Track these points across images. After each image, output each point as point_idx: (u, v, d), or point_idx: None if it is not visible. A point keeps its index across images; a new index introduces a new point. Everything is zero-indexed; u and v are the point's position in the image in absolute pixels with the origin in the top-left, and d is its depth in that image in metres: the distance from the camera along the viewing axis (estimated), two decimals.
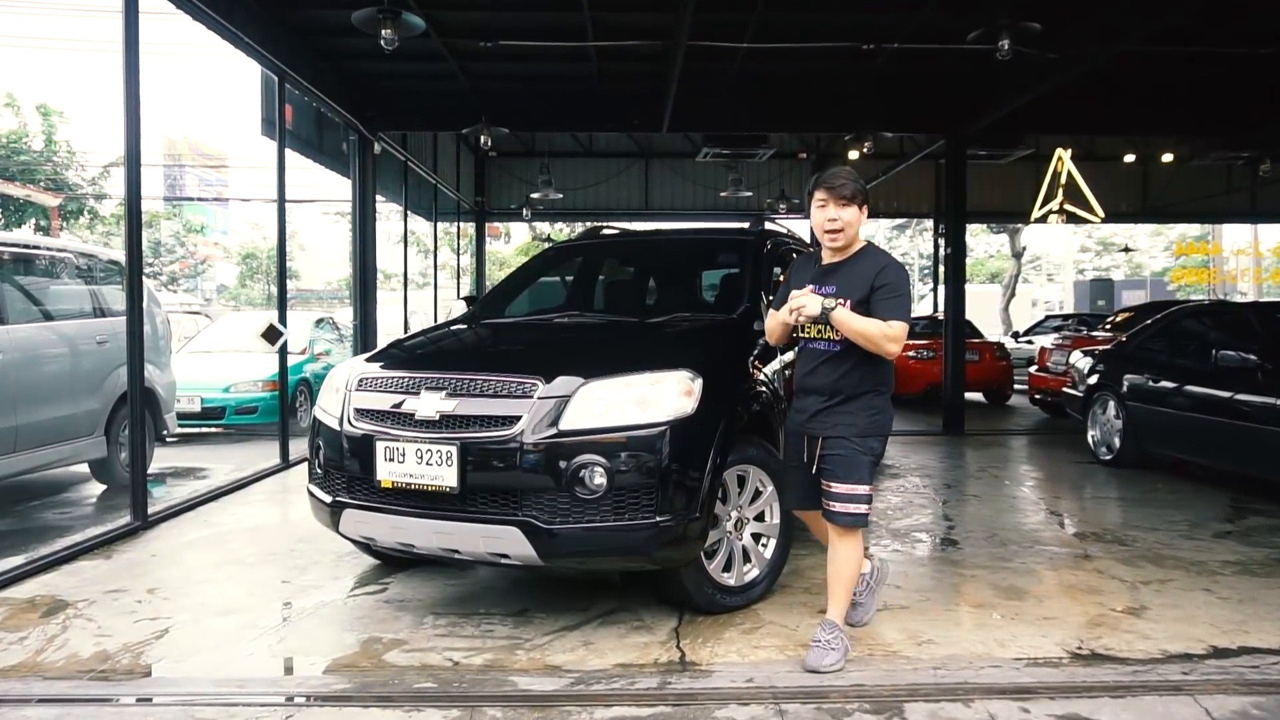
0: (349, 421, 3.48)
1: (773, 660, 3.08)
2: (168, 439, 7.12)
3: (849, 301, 2.97)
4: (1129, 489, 6.19)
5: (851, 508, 3.03)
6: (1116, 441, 7.00)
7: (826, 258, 3.16)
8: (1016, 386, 12.33)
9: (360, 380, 3.56)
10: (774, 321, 3.24)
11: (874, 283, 3.00)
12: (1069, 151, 14.02)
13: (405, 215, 12.19)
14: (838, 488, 3.02)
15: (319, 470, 3.67)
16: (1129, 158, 13.71)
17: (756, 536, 3.69)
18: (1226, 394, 5.85)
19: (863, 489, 3.04)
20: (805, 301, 2.96)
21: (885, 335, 2.93)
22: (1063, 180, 14.01)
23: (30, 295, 5.85)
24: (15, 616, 3.56)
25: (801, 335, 3.12)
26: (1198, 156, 13.17)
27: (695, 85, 8.26)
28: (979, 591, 3.89)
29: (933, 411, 10.17)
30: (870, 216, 3.27)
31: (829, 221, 3.05)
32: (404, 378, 3.46)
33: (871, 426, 3.07)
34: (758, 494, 3.66)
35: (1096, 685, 2.87)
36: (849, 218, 3.05)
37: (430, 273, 15.18)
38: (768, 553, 3.71)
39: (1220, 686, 2.86)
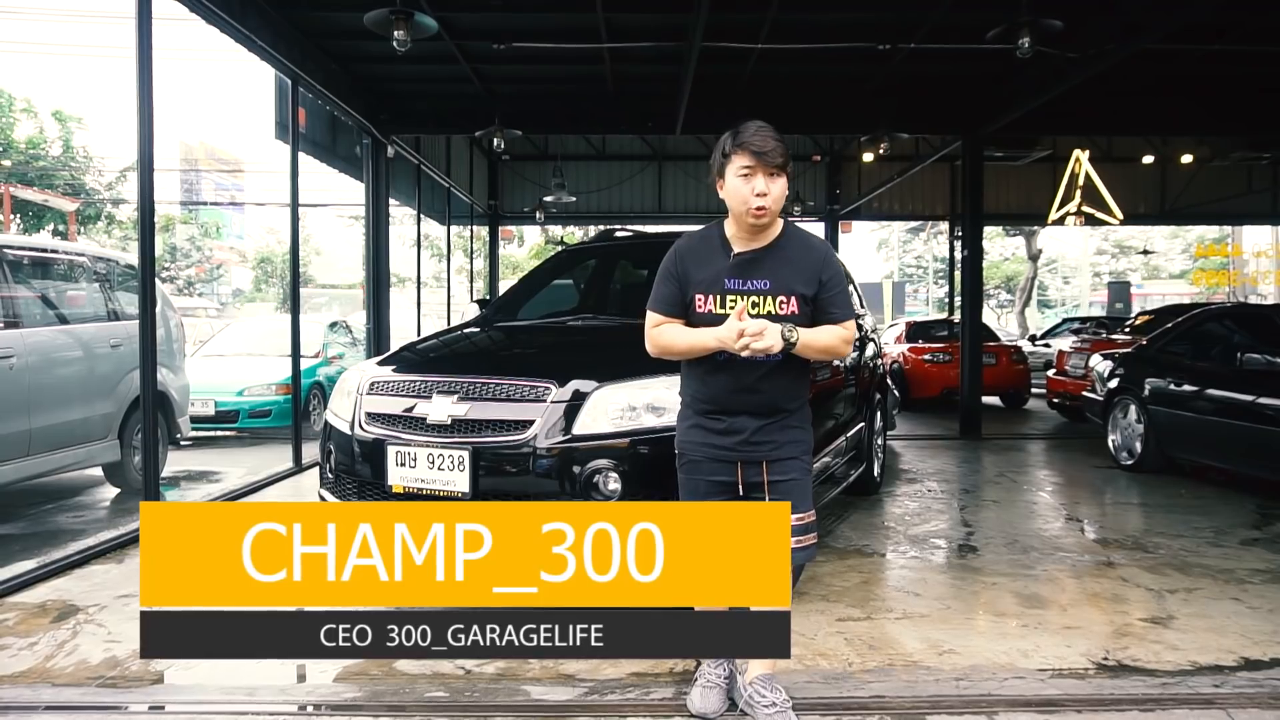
0: (360, 426, 3.45)
1: (790, 670, 3.01)
2: (182, 443, 7.12)
3: (791, 300, 2.46)
4: (1151, 495, 6.08)
5: (809, 540, 2.57)
6: (1138, 446, 6.89)
7: (742, 242, 2.52)
8: (1034, 390, 12.21)
9: (371, 384, 3.53)
10: (689, 341, 2.50)
11: (821, 276, 2.49)
12: (1086, 153, 13.91)
13: (419, 218, 12.21)
14: (794, 519, 2.44)
15: (330, 475, 3.64)
16: (1148, 159, 13.57)
17: None
18: (1252, 398, 5.75)
19: (813, 515, 2.62)
20: (765, 337, 2.35)
21: (845, 341, 2.53)
22: (1080, 182, 13.90)
23: (46, 299, 5.86)
24: (26, 621, 3.54)
25: None
26: (1218, 157, 13.03)
27: (709, 87, 8.21)
28: (1000, 599, 3.81)
29: (949, 415, 10.07)
30: (885, 219, 3.08)
31: (756, 196, 2.41)
32: (415, 381, 3.42)
33: (811, 441, 2.66)
34: None
35: (1125, 698, 2.80)
36: (778, 192, 2.44)
37: (444, 276, 15.19)
38: None
39: (1254, 700, 2.77)
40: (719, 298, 2.49)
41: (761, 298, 2.47)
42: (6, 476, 5.19)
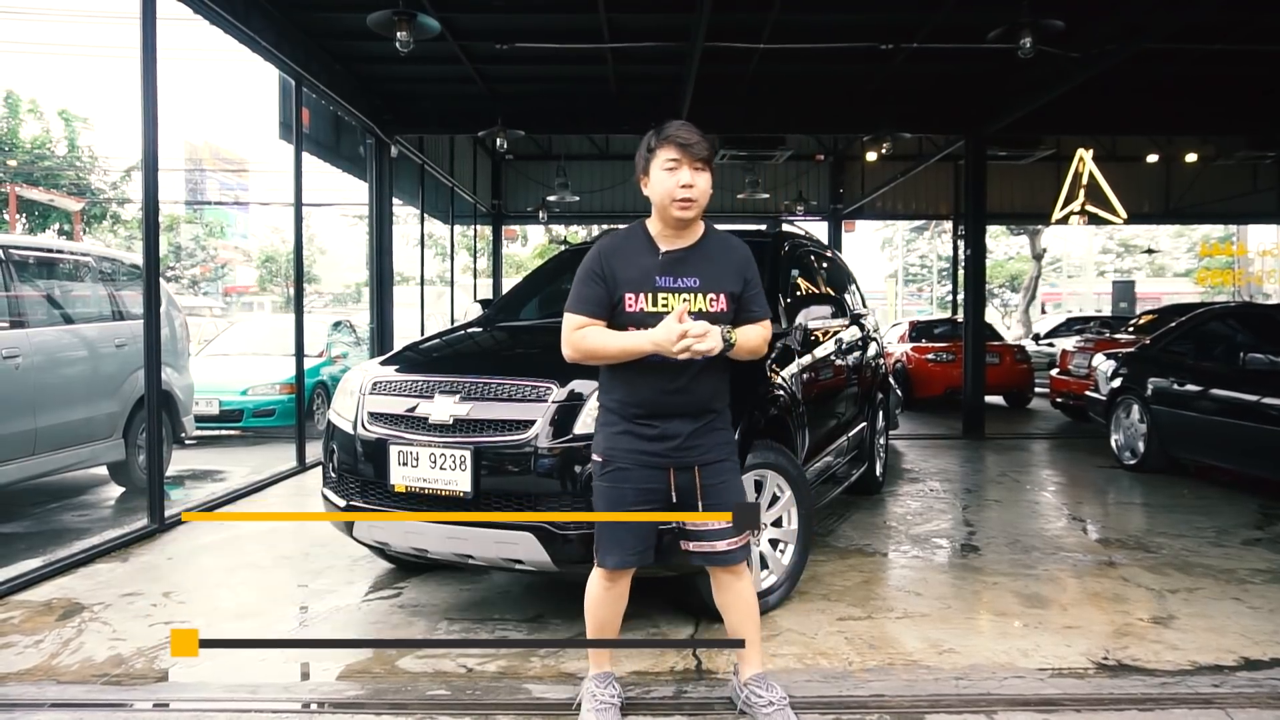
0: (363, 425, 3.46)
1: (790, 669, 3.03)
2: (185, 442, 7.15)
3: (720, 297, 2.49)
4: (1154, 495, 6.08)
5: (744, 539, 2.61)
6: (1140, 446, 6.89)
7: (668, 240, 2.53)
8: (1037, 389, 12.20)
9: (374, 384, 3.54)
10: (620, 345, 2.44)
11: (745, 275, 2.55)
12: (1090, 152, 13.90)
13: (422, 218, 12.24)
14: (730, 520, 2.55)
15: (333, 474, 3.65)
16: (1152, 158, 13.57)
17: (774, 542, 3.65)
18: (1254, 397, 5.74)
19: None
20: (708, 339, 2.35)
21: (766, 340, 2.60)
22: (1084, 181, 13.89)
23: (51, 299, 5.89)
24: (32, 619, 3.56)
25: None
26: (1222, 156, 12.99)
27: (712, 87, 8.22)
28: (1001, 599, 3.82)
29: (952, 415, 10.07)
30: (889, 218, 3.03)
31: (682, 189, 2.44)
32: (418, 381, 3.43)
33: (735, 439, 2.71)
34: (775, 499, 3.62)
35: (1124, 698, 2.80)
36: (703, 185, 2.47)
37: (448, 275, 15.22)
38: (785, 559, 3.66)
39: (1253, 700, 2.78)
40: (650, 296, 2.47)
41: (693, 295, 2.47)
42: (12, 475, 5.23)
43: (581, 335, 2.51)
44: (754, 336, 2.56)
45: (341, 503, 3.52)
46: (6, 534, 5.28)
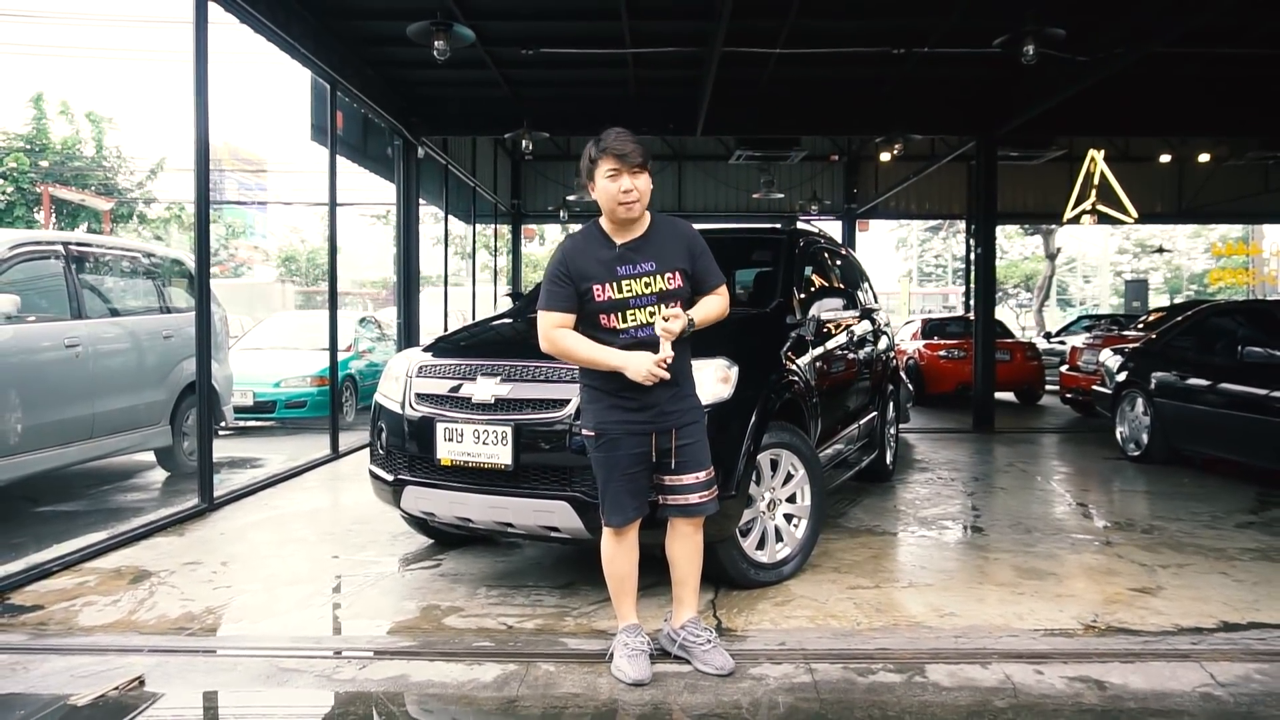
0: (410, 405, 3.76)
1: (803, 628, 3.31)
2: (221, 431, 7.48)
3: (676, 275, 2.82)
4: (1156, 483, 6.30)
5: (712, 494, 2.94)
6: (1144, 438, 7.10)
7: (620, 234, 2.87)
8: (1049, 386, 12.38)
9: (420, 367, 3.84)
10: (590, 355, 2.81)
11: (692, 250, 2.88)
12: (1102, 152, 14.07)
13: (445, 218, 12.56)
14: (701, 475, 2.88)
15: (381, 451, 3.95)
16: (1164, 158, 13.70)
17: (789, 517, 3.92)
18: (1252, 390, 5.95)
19: (713, 471, 2.94)
20: (679, 322, 2.73)
21: (725, 304, 2.93)
22: (1095, 181, 14.06)
23: (103, 293, 6.23)
24: (105, 583, 3.89)
25: (623, 325, 2.81)
26: (1234, 156, 13.14)
27: (729, 90, 8.48)
28: (1001, 572, 4.07)
29: (963, 410, 10.29)
30: (902, 218, 3.24)
31: (624, 193, 2.78)
32: (462, 365, 3.73)
33: (701, 405, 3.00)
34: (789, 477, 3.89)
35: (1108, 652, 3.06)
36: (643, 186, 2.81)
37: (470, 274, 15.55)
38: (799, 533, 3.94)
39: (1227, 655, 3.03)
40: (615, 284, 2.80)
41: (651, 277, 2.80)
42: (72, 457, 5.57)
43: (561, 335, 2.84)
44: (713, 308, 2.89)
45: (389, 477, 3.82)
46: (69, 511, 5.63)
